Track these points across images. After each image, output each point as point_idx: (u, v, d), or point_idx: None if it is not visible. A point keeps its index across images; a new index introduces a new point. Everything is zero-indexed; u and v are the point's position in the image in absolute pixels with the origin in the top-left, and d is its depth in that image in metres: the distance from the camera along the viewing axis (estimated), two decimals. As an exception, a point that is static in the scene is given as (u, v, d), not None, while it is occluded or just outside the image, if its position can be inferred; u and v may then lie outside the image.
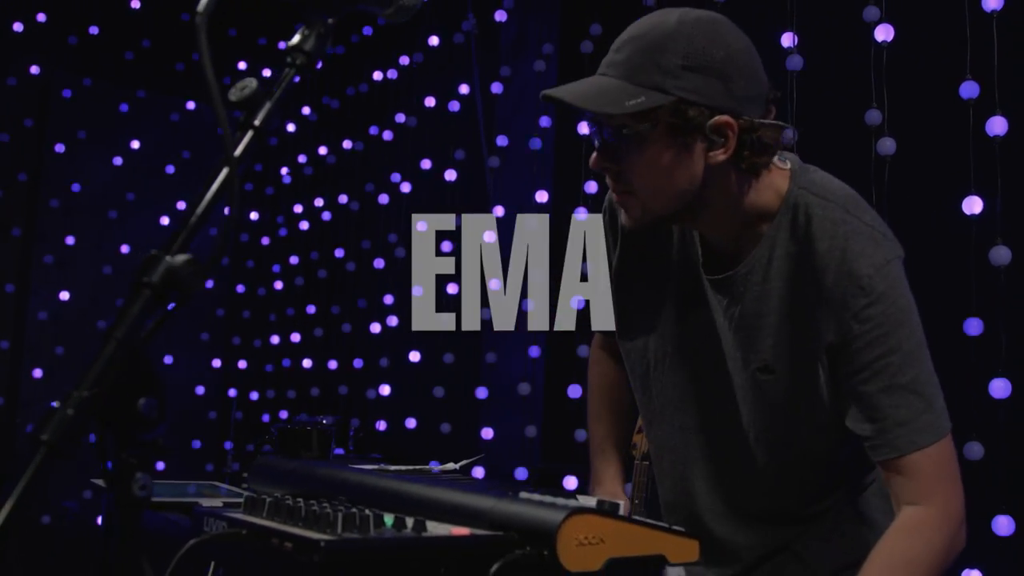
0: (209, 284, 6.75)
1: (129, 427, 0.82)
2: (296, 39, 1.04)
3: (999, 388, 2.88)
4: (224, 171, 0.92)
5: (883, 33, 3.36)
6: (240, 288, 6.92)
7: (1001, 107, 3.05)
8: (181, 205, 6.77)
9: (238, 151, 0.94)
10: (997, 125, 3.05)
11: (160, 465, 6.35)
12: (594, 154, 1.57)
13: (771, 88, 1.58)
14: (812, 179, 1.62)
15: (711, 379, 1.70)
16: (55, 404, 0.77)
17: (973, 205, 3.07)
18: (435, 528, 1.13)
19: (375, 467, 1.53)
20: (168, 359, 6.50)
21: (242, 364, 6.78)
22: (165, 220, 6.71)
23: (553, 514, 1.12)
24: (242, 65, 6.87)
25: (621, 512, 1.17)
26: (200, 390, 6.69)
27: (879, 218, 1.61)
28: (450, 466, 1.67)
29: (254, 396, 6.64)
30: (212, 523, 1.20)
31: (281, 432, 1.85)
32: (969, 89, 3.13)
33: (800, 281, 1.58)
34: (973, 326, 3.00)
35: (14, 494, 0.73)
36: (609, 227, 1.83)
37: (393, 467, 1.55)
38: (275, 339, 6.60)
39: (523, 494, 1.21)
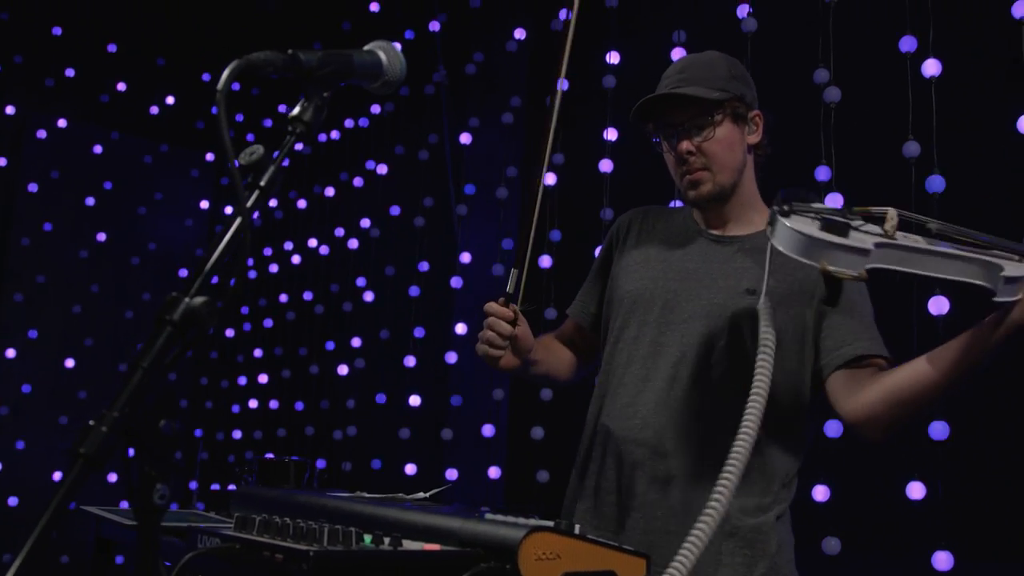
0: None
1: (151, 444, 0.95)
2: (296, 110, 1.18)
3: (938, 430, 3.04)
4: (237, 221, 1.05)
5: (831, 94, 3.55)
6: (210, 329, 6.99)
7: (939, 166, 3.25)
8: (152, 246, 6.86)
9: (249, 204, 1.07)
10: (936, 183, 3.24)
11: (123, 503, 6.39)
12: (683, 143, 2.14)
13: None
14: None
15: (697, 304, 2.11)
16: (91, 422, 0.90)
17: (914, 258, 3.24)
18: (410, 544, 1.26)
19: (351, 494, 1.66)
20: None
21: (209, 404, 6.84)
22: (136, 260, 6.80)
23: (514, 532, 1.25)
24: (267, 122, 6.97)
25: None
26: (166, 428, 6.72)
27: None
28: (419, 495, 1.79)
29: (220, 436, 6.70)
30: (206, 540, 1.32)
31: (261, 463, 1.97)
32: (910, 148, 3.33)
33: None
34: (914, 372, 3.16)
35: (53, 502, 0.85)
36: (612, 237, 2.38)
37: (368, 495, 1.67)
38: (242, 380, 6.67)
39: (487, 515, 1.34)
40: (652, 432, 2.05)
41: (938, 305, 3.12)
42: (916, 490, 3.11)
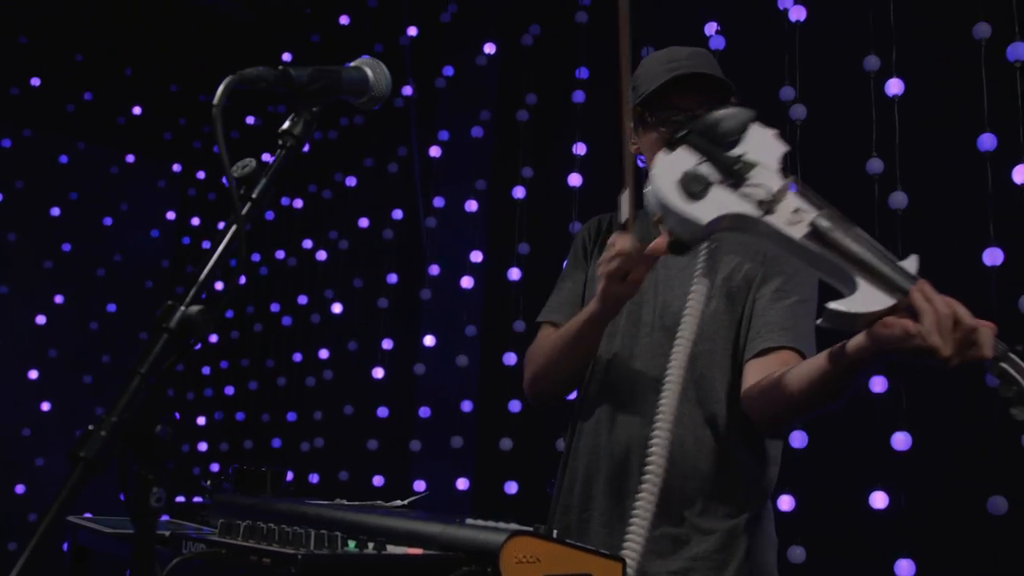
0: (143, 336, 6.81)
1: (147, 449, 0.97)
2: (287, 124, 1.22)
3: (900, 441, 3.11)
4: (232, 229, 1.08)
5: (797, 111, 3.62)
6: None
7: (902, 183, 3.32)
8: (117, 257, 6.83)
9: (243, 212, 1.10)
10: (899, 199, 3.32)
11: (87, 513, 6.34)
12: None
13: None
14: None
15: (657, 313, 2.11)
16: (91, 427, 0.92)
17: (877, 272, 3.32)
18: (393, 549, 1.29)
19: (331, 502, 1.68)
20: (99, 411, 6.51)
21: (176, 416, 6.79)
22: (101, 271, 6.76)
23: (496, 536, 1.28)
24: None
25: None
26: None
27: None
28: (397, 503, 1.82)
29: (185, 448, 6.66)
30: (191, 545, 1.34)
31: (237, 472, 1.98)
32: (874, 165, 3.40)
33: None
34: (877, 384, 3.23)
35: (54, 505, 0.88)
36: (582, 243, 2.34)
37: (347, 502, 1.69)
38: (208, 392, 6.65)
39: (468, 521, 1.37)
40: (623, 446, 2.07)
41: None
42: (879, 499, 3.17)
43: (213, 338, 6.70)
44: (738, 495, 2.00)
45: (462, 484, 4.80)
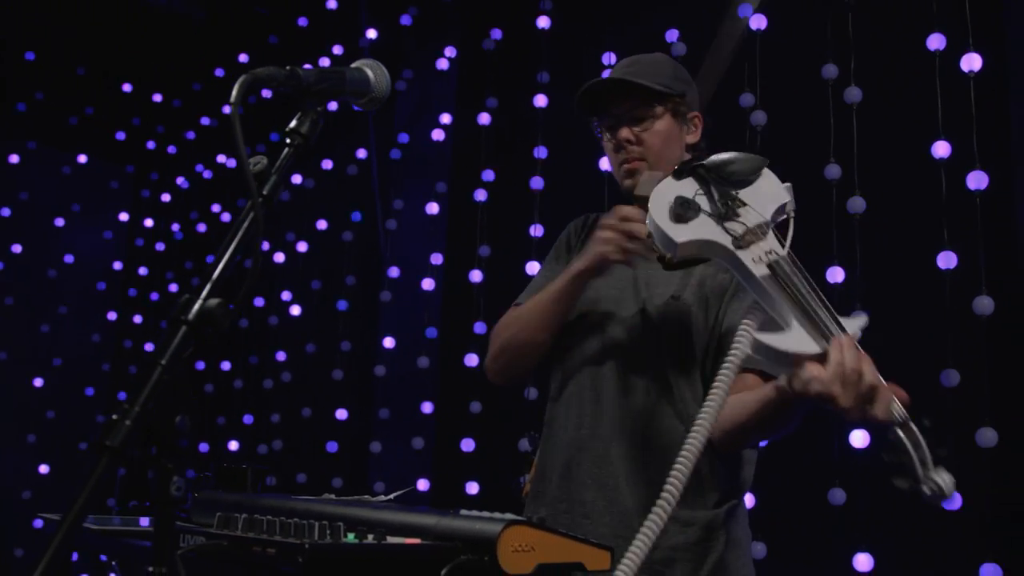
0: (96, 338, 6.74)
1: (167, 437, 0.99)
2: (293, 123, 1.25)
3: (859, 439, 3.19)
4: (250, 215, 1.10)
5: (757, 117, 3.70)
6: (128, 343, 6.91)
7: (860, 188, 3.41)
8: (69, 259, 6.74)
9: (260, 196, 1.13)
10: (857, 204, 3.41)
11: (38, 523, 6.26)
12: (622, 130, 2.17)
13: None
14: None
15: (632, 313, 2.15)
16: (114, 416, 0.94)
17: (836, 274, 3.41)
18: (393, 540, 1.32)
19: (318, 497, 1.70)
20: (50, 414, 6.44)
21: (193, 406, 6.70)
22: (52, 273, 6.68)
23: (492, 526, 1.31)
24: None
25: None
26: (84, 445, 6.62)
27: None
28: (382, 498, 1.84)
29: (136, 452, 6.59)
30: (189, 539, 1.35)
31: (218, 470, 1.99)
32: (832, 171, 3.49)
33: None
34: (836, 384, 3.31)
35: (82, 496, 0.90)
36: (567, 238, 2.39)
37: (335, 497, 1.72)
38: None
39: (462, 512, 1.41)
40: (601, 443, 2.11)
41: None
42: (837, 496, 3.25)
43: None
44: (717, 490, 2.05)
45: (423, 485, 4.82)
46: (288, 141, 1.26)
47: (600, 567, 1.43)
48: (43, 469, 6.37)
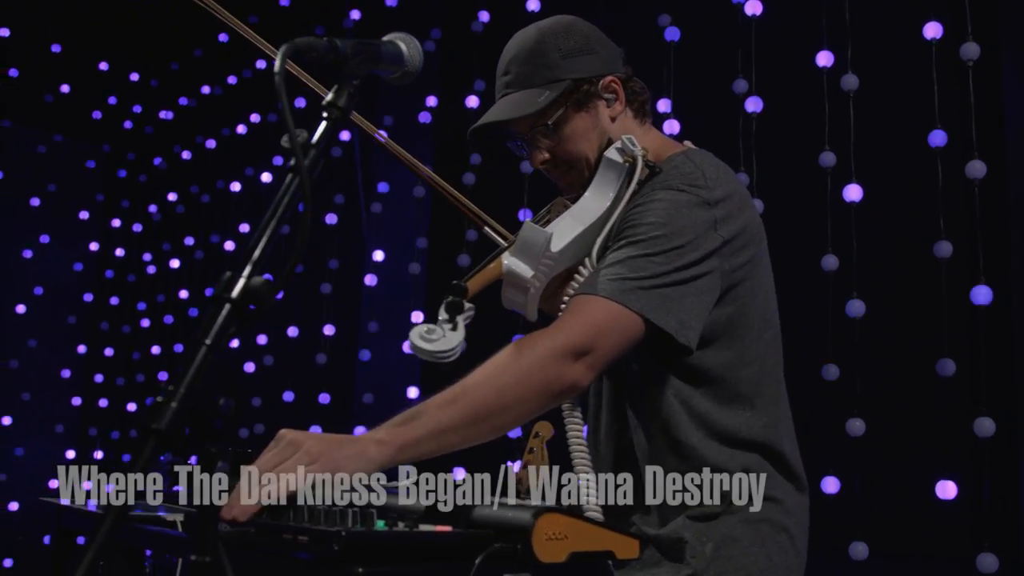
0: (71, 320, 6.64)
1: (210, 420, 0.96)
2: (330, 96, 1.21)
3: (855, 427, 3.20)
4: (294, 182, 1.07)
5: (752, 104, 3.69)
6: (104, 325, 6.82)
7: (856, 176, 3.41)
8: (44, 239, 6.64)
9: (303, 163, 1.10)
10: (853, 192, 3.40)
11: (13, 505, 6.18)
12: (535, 155, 1.91)
13: (622, 51, 1.97)
14: (704, 153, 1.88)
15: None
16: (160, 399, 0.91)
17: (831, 262, 3.40)
18: (424, 527, 1.29)
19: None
20: (26, 396, 6.35)
21: (103, 402, 6.65)
22: (28, 253, 6.58)
23: (526, 514, 1.29)
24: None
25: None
26: (60, 428, 6.53)
27: (723, 175, 1.82)
28: (404, 482, 1.81)
29: (115, 435, 6.53)
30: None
31: (233, 454, 1.95)
32: (827, 159, 3.48)
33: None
34: (830, 372, 3.32)
35: (130, 479, 0.86)
36: None
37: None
38: (140, 377, 6.51)
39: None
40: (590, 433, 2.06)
41: (855, 308, 3.28)
42: (831, 485, 3.25)
43: (145, 323, 6.57)
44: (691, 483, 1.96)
45: (408, 470, 4.78)
46: (326, 115, 1.22)
47: (629, 556, 1.41)
48: (18, 452, 6.29)
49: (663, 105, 3.98)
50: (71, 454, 6.48)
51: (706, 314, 1.74)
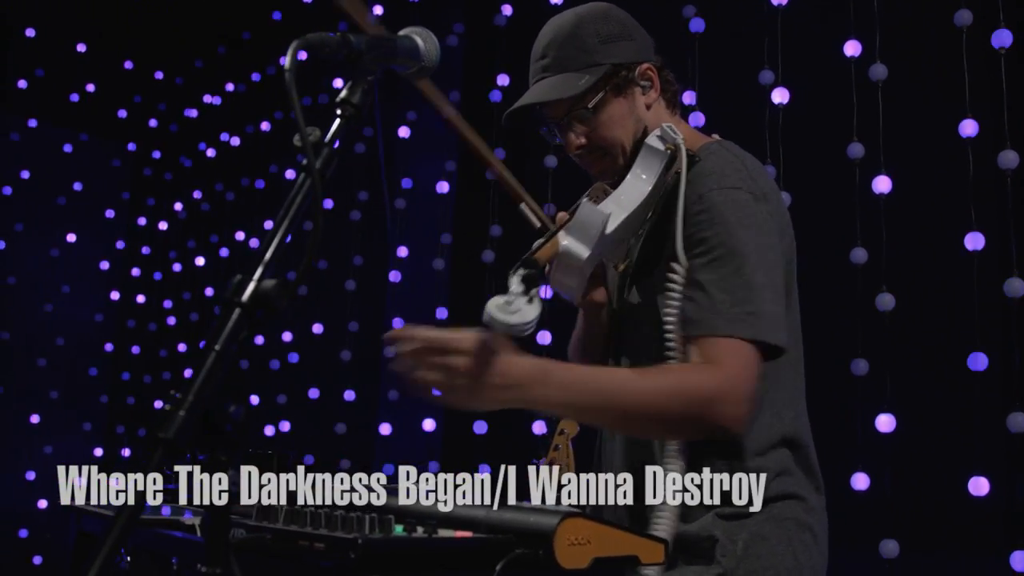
0: (98, 318, 6.67)
1: (221, 427, 0.93)
2: (344, 93, 1.18)
3: (885, 423, 3.14)
4: (306, 183, 1.04)
5: (779, 96, 3.64)
6: (131, 323, 6.84)
7: (885, 167, 3.35)
8: (71, 238, 6.67)
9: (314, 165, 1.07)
10: (882, 183, 3.34)
11: (42, 503, 6.21)
12: (570, 139, 1.91)
13: (652, 40, 1.98)
14: (735, 146, 1.88)
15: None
16: (167, 407, 0.88)
17: (859, 256, 3.35)
18: (444, 533, 1.26)
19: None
20: (54, 394, 6.38)
21: (131, 400, 6.68)
22: (55, 252, 6.61)
23: (548, 519, 1.26)
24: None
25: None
26: (87, 426, 6.56)
27: (760, 167, 1.86)
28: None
29: (143, 433, 6.55)
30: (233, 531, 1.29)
31: (245, 455, 1.93)
32: (855, 150, 3.42)
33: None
34: (860, 366, 3.26)
35: (137, 487, 0.84)
36: None
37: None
38: (167, 375, 6.53)
39: (512, 502, 1.36)
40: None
41: (884, 302, 3.22)
42: (861, 481, 3.20)
43: (171, 320, 6.59)
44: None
45: (433, 467, 4.77)
46: (339, 112, 1.19)
47: (655, 560, 1.38)
48: (47, 450, 6.32)
49: (688, 97, 3.93)
50: (99, 452, 6.51)
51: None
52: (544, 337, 4.09)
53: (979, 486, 2.97)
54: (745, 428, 1.69)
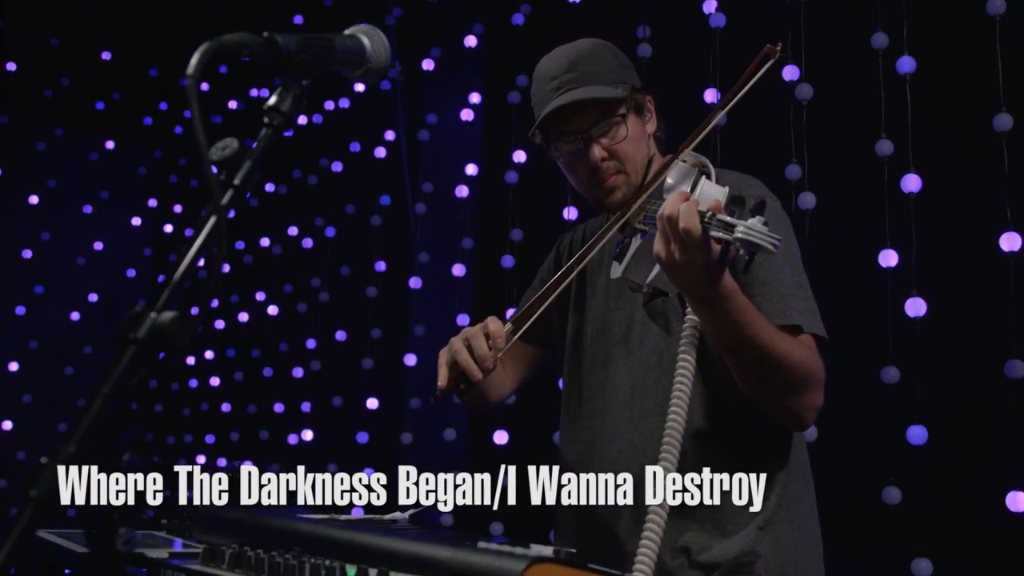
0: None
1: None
2: (273, 100, 1.07)
3: (916, 435, 2.99)
4: (211, 220, 0.93)
5: (803, 91, 3.49)
6: (157, 331, 6.80)
7: (915, 165, 3.19)
8: (98, 246, 6.65)
9: (223, 202, 0.96)
10: (911, 182, 3.19)
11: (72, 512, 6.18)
12: (594, 150, 1.95)
13: None
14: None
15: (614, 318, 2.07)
16: (44, 460, 0.78)
17: (889, 258, 3.20)
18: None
19: (325, 517, 1.54)
20: (81, 403, 6.35)
21: (159, 408, 6.65)
22: (81, 260, 6.59)
23: (513, 563, 1.14)
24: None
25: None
26: (126, 438, 6.52)
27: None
28: (397, 515, 1.68)
29: (171, 441, 6.52)
30: (170, 574, 1.20)
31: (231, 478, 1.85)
32: (884, 147, 3.27)
33: None
34: (890, 375, 3.11)
35: (4, 549, 0.74)
36: (555, 256, 2.33)
37: (343, 517, 1.55)
38: (193, 383, 6.49)
39: (480, 543, 1.24)
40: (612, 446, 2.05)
41: (915, 307, 3.07)
42: (893, 495, 3.05)
43: (196, 328, 6.54)
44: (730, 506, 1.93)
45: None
46: (266, 120, 1.08)
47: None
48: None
49: (710, 95, 3.80)
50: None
51: None
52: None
53: (1017, 501, 2.81)
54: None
